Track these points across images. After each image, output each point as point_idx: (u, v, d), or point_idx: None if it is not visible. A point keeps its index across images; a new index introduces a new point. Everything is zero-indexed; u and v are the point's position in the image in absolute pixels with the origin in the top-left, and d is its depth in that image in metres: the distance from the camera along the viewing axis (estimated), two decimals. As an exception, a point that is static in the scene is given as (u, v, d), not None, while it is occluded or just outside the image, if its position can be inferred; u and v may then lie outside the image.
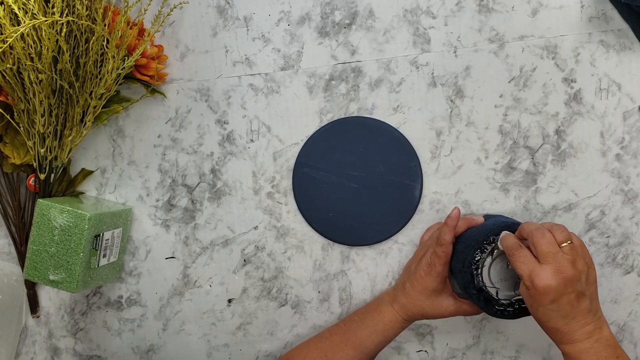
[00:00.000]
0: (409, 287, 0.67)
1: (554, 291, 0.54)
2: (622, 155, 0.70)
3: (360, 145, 0.72)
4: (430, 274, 0.65)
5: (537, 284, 0.54)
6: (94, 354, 0.79)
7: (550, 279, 0.54)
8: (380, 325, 0.67)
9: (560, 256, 0.55)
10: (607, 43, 0.69)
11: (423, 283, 0.65)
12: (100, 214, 0.68)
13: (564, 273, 0.54)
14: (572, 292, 0.55)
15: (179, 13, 0.74)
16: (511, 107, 0.71)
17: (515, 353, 0.73)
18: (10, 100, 0.68)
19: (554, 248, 0.56)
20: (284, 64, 0.73)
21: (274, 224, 0.75)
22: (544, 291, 0.54)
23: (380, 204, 0.72)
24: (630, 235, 0.71)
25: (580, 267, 0.56)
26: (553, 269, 0.55)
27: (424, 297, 0.66)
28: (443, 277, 0.65)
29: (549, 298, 0.54)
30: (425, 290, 0.65)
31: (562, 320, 0.55)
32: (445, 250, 0.64)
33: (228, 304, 0.76)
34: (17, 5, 0.61)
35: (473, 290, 0.62)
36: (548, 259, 0.55)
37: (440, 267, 0.64)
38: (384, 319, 0.67)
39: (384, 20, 0.72)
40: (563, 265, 0.55)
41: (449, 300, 0.66)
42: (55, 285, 0.67)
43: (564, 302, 0.55)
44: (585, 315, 0.55)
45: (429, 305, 0.66)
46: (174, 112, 0.75)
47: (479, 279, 0.61)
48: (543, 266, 0.55)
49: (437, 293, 0.66)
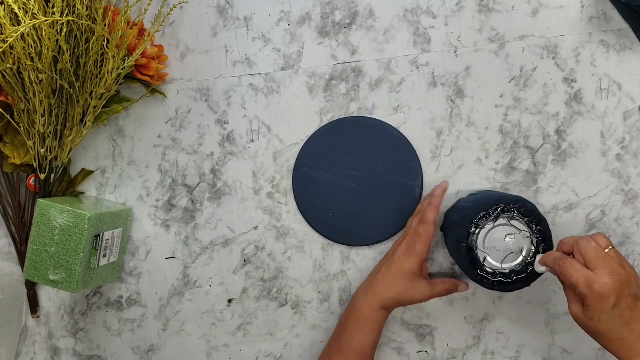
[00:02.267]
0: (385, 270, 0.66)
1: (614, 294, 0.53)
2: (622, 156, 0.70)
3: (361, 145, 0.72)
4: (409, 254, 0.64)
5: (597, 289, 0.53)
6: (94, 354, 0.78)
7: (608, 282, 0.53)
8: (364, 325, 0.66)
9: (610, 259, 0.55)
10: (607, 43, 0.69)
11: (400, 264, 0.65)
12: (101, 214, 0.68)
13: (618, 275, 0.54)
14: (628, 295, 0.54)
15: (179, 13, 0.74)
16: (512, 107, 0.71)
17: (515, 353, 0.73)
18: (10, 100, 0.68)
19: (602, 253, 0.55)
20: (284, 64, 0.73)
21: (274, 224, 0.75)
22: (605, 295, 0.53)
23: (381, 204, 0.72)
24: (630, 236, 0.71)
25: (629, 270, 0.55)
26: (607, 272, 0.54)
27: (400, 279, 0.64)
28: (421, 259, 0.64)
29: (610, 303, 0.53)
30: (401, 271, 0.64)
31: (626, 327, 0.54)
32: (427, 230, 0.63)
33: (228, 304, 0.76)
34: (18, 5, 0.61)
35: (463, 246, 0.62)
36: (600, 263, 0.54)
37: (420, 247, 0.64)
38: (364, 315, 0.66)
39: (384, 20, 0.72)
40: (615, 268, 0.54)
41: (423, 283, 0.65)
42: (55, 285, 0.67)
43: (623, 306, 0.54)
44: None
45: (404, 287, 0.64)
46: (174, 112, 0.75)
47: (474, 238, 0.62)
48: (597, 271, 0.54)
49: (412, 276, 0.64)
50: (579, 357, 0.72)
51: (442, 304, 0.73)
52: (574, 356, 0.72)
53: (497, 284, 0.63)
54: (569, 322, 0.72)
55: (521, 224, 0.62)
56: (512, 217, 0.62)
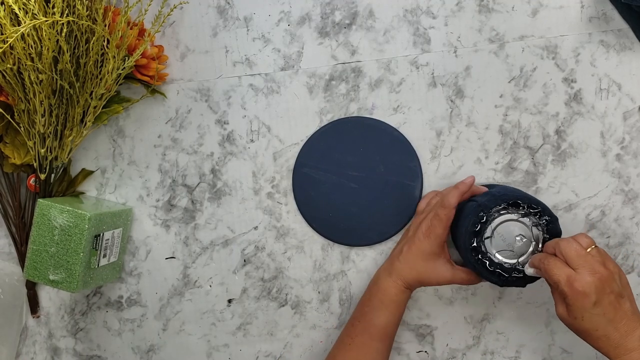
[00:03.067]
0: (406, 250, 0.66)
1: (594, 292, 0.54)
2: (622, 156, 0.70)
3: (360, 146, 0.72)
4: (429, 237, 0.64)
5: (577, 287, 0.54)
6: (94, 354, 0.79)
7: (588, 280, 0.54)
8: (391, 304, 0.66)
9: (590, 258, 0.55)
10: (607, 43, 0.69)
11: (420, 246, 0.65)
12: (101, 214, 0.69)
13: (599, 273, 0.54)
14: (610, 293, 0.54)
15: (179, 13, 0.74)
16: (511, 107, 0.71)
17: (515, 353, 0.73)
18: (10, 100, 0.68)
19: (583, 252, 0.56)
20: (284, 64, 0.73)
21: (274, 224, 0.75)
22: (585, 293, 0.54)
23: (380, 204, 0.72)
24: (630, 236, 0.71)
25: (612, 268, 0.56)
26: (587, 270, 0.54)
27: (420, 259, 0.65)
28: (441, 241, 0.64)
29: (590, 300, 0.54)
30: (422, 253, 0.65)
31: (610, 325, 0.54)
32: (447, 214, 0.63)
33: (228, 304, 0.76)
34: (18, 6, 0.61)
35: (472, 241, 0.62)
36: (580, 262, 0.55)
37: (440, 230, 0.64)
38: (390, 294, 0.66)
39: (384, 20, 0.72)
40: (596, 266, 0.55)
41: (445, 266, 0.65)
42: (55, 285, 0.67)
43: (606, 304, 0.54)
44: (630, 319, 0.55)
45: (424, 268, 0.65)
46: (174, 112, 0.75)
47: (486, 227, 0.62)
48: (578, 270, 0.55)
49: (434, 257, 0.65)
50: (578, 357, 0.72)
51: (442, 304, 0.73)
52: (574, 356, 0.72)
53: (504, 280, 0.62)
54: (568, 322, 0.72)
55: (535, 227, 0.62)
56: (529, 217, 0.62)
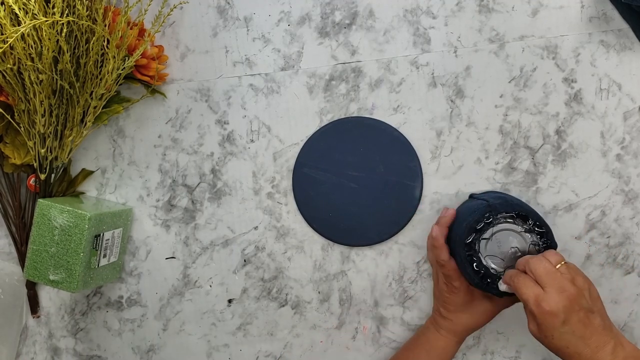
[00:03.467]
0: (445, 312, 0.67)
1: (562, 311, 0.54)
2: (622, 156, 0.70)
3: (360, 146, 0.72)
4: (453, 292, 0.66)
5: (545, 307, 0.54)
6: (94, 354, 0.79)
7: (555, 300, 0.54)
8: (435, 354, 0.67)
9: (559, 276, 0.56)
10: (607, 43, 0.69)
11: (453, 303, 0.66)
12: (101, 214, 0.69)
13: (567, 291, 0.55)
14: (579, 310, 0.55)
15: (179, 13, 0.74)
16: (511, 107, 0.71)
17: (515, 353, 0.73)
18: (10, 100, 0.68)
19: (552, 270, 0.56)
20: (284, 64, 0.73)
21: (274, 224, 0.75)
22: (553, 313, 0.54)
23: (380, 204, 0.72)
24: (630, 236, 0.71)
25: (581, 284, 0.56)
26: (555, 289, 0.55)
27: (462, 313, 0.66)
28: (465, 288, 0.66)
29: (559, 320, 0.54)
30: (459, 308, 0.66)
31: (581, 342, 0.54)
32: (449, 268, 0.65)
33: (228, 304, 0.76)
34: (18, 6, 0.61)
35: (469, 237, 0.62)
36: (548, 280, 0.55)
37: (457, 282, 0.65)
38: (438, 347, 0.67)
39: (384, 20, 0.72)
40: (564, 284, 0.55)
41: (484, 304, 0.66)
42: (55, 285, 0.67)
43: (574, 321, 0.54)
44: (601, 334, 0.55)
45: (469, 318, 0.66)
46: (174, 113, 0.75)
47: (488, 228, 0.62)
48: (546, 289, 0.55)
49: (470, 303, 0.66)
50: (578, 357, 0.72)
51: (442, 304, 0.73)
52: (574, 356, 0.72)
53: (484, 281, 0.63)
54: (568, 322, 0.72)
55: (533, 245, 0.62)
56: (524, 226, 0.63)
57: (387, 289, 0.74)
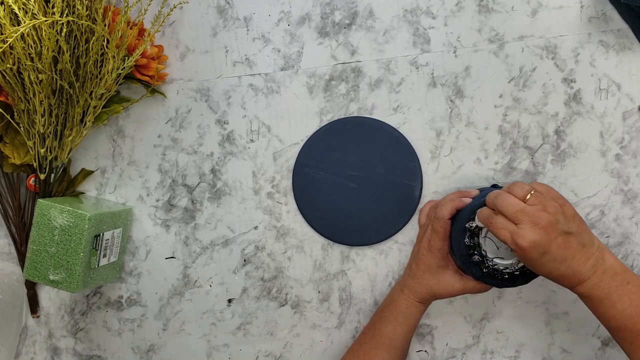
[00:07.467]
0: (414, 268, 0.67)
1: (539, 244, 0.54)
2: (621, 155, 0.70)
3: (360, 145, 0.72)
4: (431, 251, 0.65)
5: (522, 244, 0.54)
6: (94, 354, 0.79)
7: (531, 235, 0.54)
8: (399, 315, 0.67)
9: (529, 209, 0.55)
10: (606, 43, 0.69)
11: (425, 261, 0.66)
12: (100, 214, 0.69)
13: (540, 222, 0.54)
14: (557, 237, 0.54)
15: (179, 13, 0.74)
16: (511, 107, 0.71)
17: (515, 353, 0.73)
18: (10, 100, 0.68)
19: (520, 205, 0.55)
20: (284, 64, 0.73)
21: (274, 224, 0.75)
22: (531, 248, 0.54)
23: (380, 204, 0.72)
24: (629, 235, 0.71)
25: (553, 210, 0.55)
26: (529, 225, 0.54)
27: (429, 274, 0.66)
28: (444, 253, 0.65)
29: (538, 252, 0.54)
30: (429, 268, 0.66)
31: (563, 265, 0.55)
32: (442, 225, 0.64)
33: (228, 304, 0.76)
34: (17, 5, 0.61)
35: (468, 248, 0.62)
36: (520, 217, 0.55)
37: (439, 243, 0.64)
38: (400, 307, 0.67)
39: (383, 20, 0.72)
40: (536, 216, 0.54)
41: (454, 276, 0.65)
42: (55, 285, 0.67)
43: (554, 250, 0.54)
44: (581, 252, 0.55)
45: (435, 283, 0.66)
46: (174, 112, 0.75)
47: (481, 233, 0.62)
48: (519, 225, 0.55)
49: (440, 269, 0.65)
50: (578, 356, 0.72)
51: (442, 303, 0.73)
52: (574, 356, 0.72)
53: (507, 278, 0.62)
54: (568, 322, 0.72)
55: None
56: None
57: (387, 289, 0.74)
